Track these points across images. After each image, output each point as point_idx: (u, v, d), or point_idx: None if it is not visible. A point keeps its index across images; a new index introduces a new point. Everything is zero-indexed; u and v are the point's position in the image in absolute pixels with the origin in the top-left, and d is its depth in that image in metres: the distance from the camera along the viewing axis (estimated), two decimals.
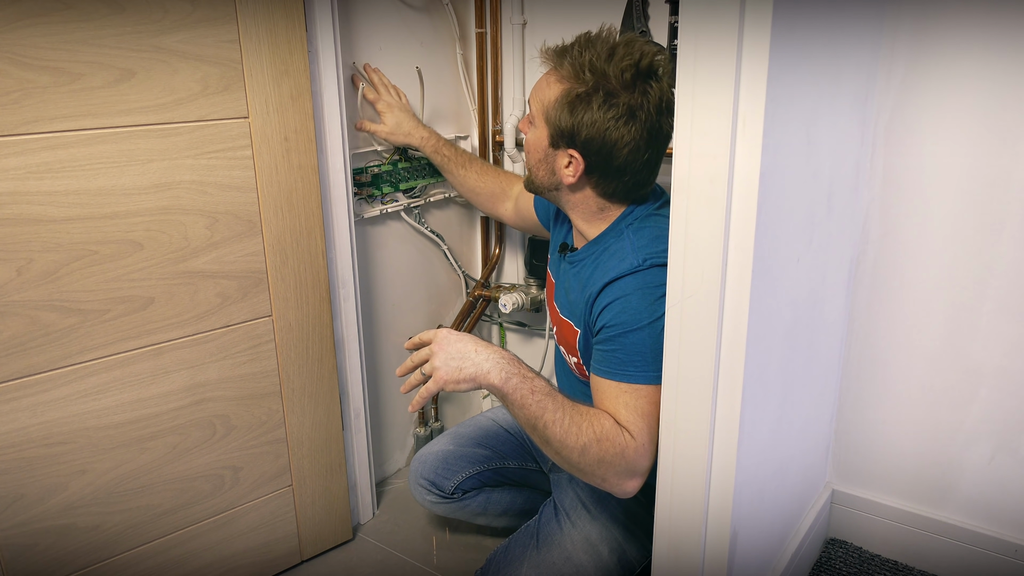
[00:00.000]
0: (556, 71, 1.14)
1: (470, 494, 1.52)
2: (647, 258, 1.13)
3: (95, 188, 1.16)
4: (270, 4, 1.28)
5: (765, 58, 0.82)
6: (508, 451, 1.54)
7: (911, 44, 1.29)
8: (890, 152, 1.36)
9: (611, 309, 1.12)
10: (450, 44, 1.74)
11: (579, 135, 1.12)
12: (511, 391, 1.07)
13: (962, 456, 1.43)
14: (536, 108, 1.17)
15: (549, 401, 1.07)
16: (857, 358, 1.49)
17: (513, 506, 1.56)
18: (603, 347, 1.13)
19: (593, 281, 1.17)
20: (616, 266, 1.14)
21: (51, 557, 1.26)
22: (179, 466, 1.37)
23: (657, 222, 1.19)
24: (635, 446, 1.07)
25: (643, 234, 1.18)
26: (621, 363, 1.10)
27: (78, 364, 1.21)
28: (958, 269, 1.35)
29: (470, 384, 1.07)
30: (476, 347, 1.09)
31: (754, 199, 0.87)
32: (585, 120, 1.11)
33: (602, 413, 1.10)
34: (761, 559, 1.26)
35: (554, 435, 1.07)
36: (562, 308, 1.29)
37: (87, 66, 1.12)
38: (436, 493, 1.52)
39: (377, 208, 1.67)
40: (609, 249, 1.19)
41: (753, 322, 0.93)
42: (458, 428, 1.60)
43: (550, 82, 1.14)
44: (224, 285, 1.34)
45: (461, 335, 1.11)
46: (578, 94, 1.10)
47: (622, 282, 1.12)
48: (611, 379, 1.11)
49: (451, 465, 1.51)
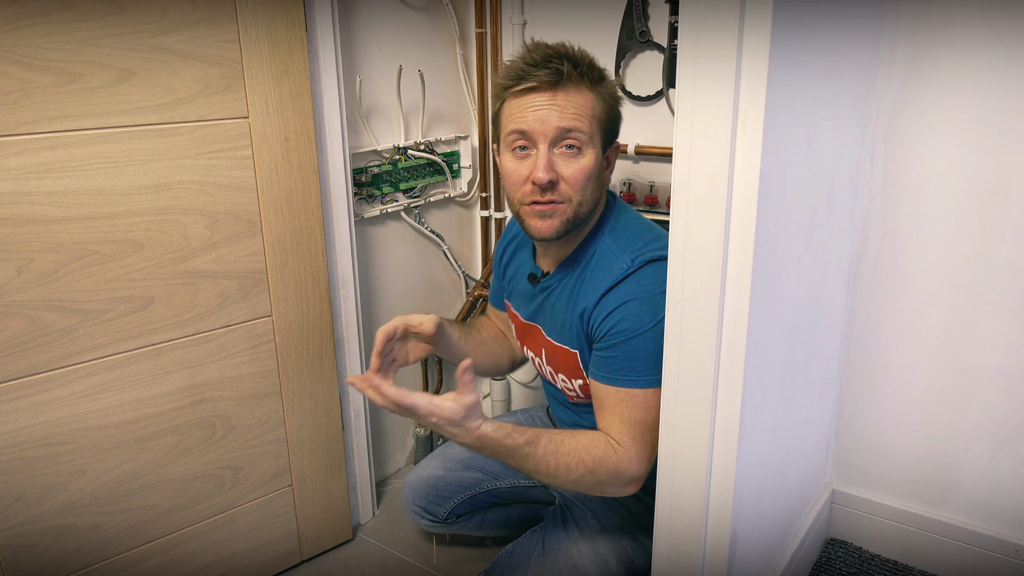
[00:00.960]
0: (565, 85, 1.09)
1: (464, 517, 1.50)
2: (635, 256, 1.12)
3: (95, 188, 1.16)
4: (270, 4, 1.28)
5: (765, 58, 0.82)
6: (498, 470, 1.50)
7: (911, 44, 1.29)
8: (890, 152, 1.36)
9: (612, 317, 1.10)
10: (450, 44, 1.74)
11: (619, 120, 1.18)
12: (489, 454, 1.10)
13: (962, 456, 1.43)
14: (580, 125, 1.09)
15: (531, 451, 1.08)
16: (857, 358, 1.48)
17: (510, 521, 1.54)
18: (604, 353, 1.12)
19: (584, 295, 1.16)
20: (607, 274, 1.13)
21: (51, 557, 1.25)
22: (179, 466, 1.36)
23: (626, 220, 1.20)
24: (629, 459, 1.08)
25: (619, 235, 1.17)
26: (622, 369, 1.09)
27: (78, 364, 1.21)
28: (958, 269, 1.35)
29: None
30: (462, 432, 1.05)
31: (754, 199, 0.87)
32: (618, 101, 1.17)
33: (593, 439, 1.10)
34: (761, 559, 1.26)
35: (544, 477, 1.11)
36: (552, 335, 1.25)
37: (87, 66, 1.12)
38: (430, 519, 1.50)
39: (377, 208, 1.67)
40: (592, 261, 1.17)
41: (753, 322, 0.93)
42: (447, 448, 1.56)
43: (580, 90, 1.09)
44: (224, 285, 1.34)
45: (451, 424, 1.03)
46: (605, 75, 1.14)
47: (619, 289, 1.11)
48: (611, 384, 1.11)
49: (442, 492, 1.48)
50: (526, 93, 1.09)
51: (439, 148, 1.76)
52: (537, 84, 1.08)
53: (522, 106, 1.10)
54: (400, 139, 1.68)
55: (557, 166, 1.10)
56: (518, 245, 1.37)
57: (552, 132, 1.08)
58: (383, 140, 1.65)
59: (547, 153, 1.09)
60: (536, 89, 1.08)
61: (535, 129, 1.09)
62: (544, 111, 1.08)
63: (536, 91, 1.09)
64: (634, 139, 1.61)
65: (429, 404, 1.02)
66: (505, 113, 1.14)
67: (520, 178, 1.13)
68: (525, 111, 1.09)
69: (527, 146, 1.11)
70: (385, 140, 1.66)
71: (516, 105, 1.11)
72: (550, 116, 1.08)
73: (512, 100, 1.12)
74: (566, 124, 1.08)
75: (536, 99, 1.09)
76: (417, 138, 1.71)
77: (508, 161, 1.15)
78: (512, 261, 1.38)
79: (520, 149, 1.12)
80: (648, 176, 1.63)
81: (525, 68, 1.09)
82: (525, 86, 1.08)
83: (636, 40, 1.53)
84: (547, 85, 1.08)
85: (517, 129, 1.11)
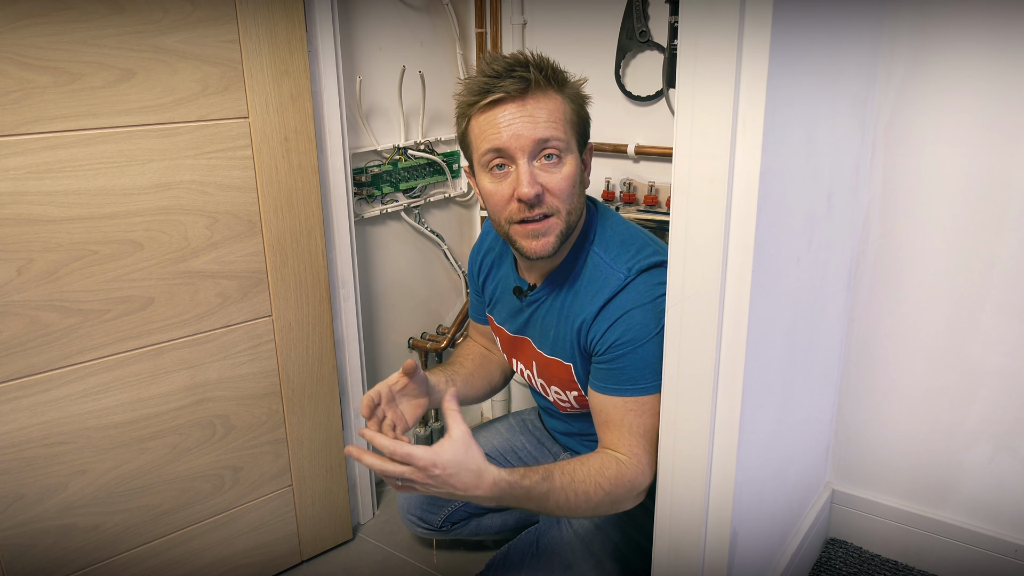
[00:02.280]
0: (533, 92, 1.05)
1: (460, 524, 1.50)
2: (631, 266, 1.11)
3: (95, 188, 1.16)
4: (270, 4, 1.28)
5: (765, 58, 0.82)
6: None
7: (911, 44, 1.29)
8: (890, 152, 1.36)
9: (615, 329, 1.09)
10: (450, 44, 1.74)
11: (589, 120, 1.15)
12: (508, 505, 1.05)
13: (962, 456, 1.43)
14: (557, 133, 1.06)
15: (549, 494, 1.04)
16: (857, 358, 1.48)
17: (505, 527, 1.54)
18: (609, 365, 1.10)
19: (580, 308, 1.14)
20: (603, 286, 1.11)
21: (51, 557, 1.25)
22: (179, 466, 1.36)
23: (612, 227, 1.17)
24: (641, 471, 1.08)
25: (609, 244, 1.15)
26: (631, 378, 1.08)
27: (78, 364, 1.21)
28: (958, 269, 1.35)
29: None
30: (476, 480, 0.98)
31: (754, 199, 0.87)
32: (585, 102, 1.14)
33: (603, 461, 1.08)
34: (761, 559, 1.26)
35: (565, 514, 1.10)
36: (543, 348, 1.22)
37: (87, 66, 1.12)
38: (425, 528, 1.50)
39: (377, 208, 1.67)
40: (583, 272, 1.15)
41: (753, 322, 0.93)
42: None
43: (548, 95, 1.06)
44: (224, 285, 1.34)
45: (460, 465, 0.95)
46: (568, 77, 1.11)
47: (618, 300, 1.09)
48: (618, 396, 1.10)
49: (436, 500, 1.47)
50: (493, 106, 1.05)
51: (439, 148, 1.76)
52: (505, 95, 1.03)
53: (492, 121, 1.05)
54: (400, 139, 1.68)
55: (540, 178, 1.06)
56: (496, 258, 1.33)
57: (529, 145, 1.04)
58: (383, 140, 1.65)
59: (528, 167, 1.05)
60: (503, 100, 1.04)
61: (511, 145, 1.04)
62: (517, 124, 1.04)
63: (504, 103, 1.04)
64: (634, 139, 1.61)
65: (429, 453, 0.94)
66: (474, 132, 1.09)
67: (504, 198, 1.08)
68: (497, 127, 1.04)
69: (505, 163, 1.07)
70: (385, 140, 1.66)
71: (485, 121, 1.06)
72: (524, 129, 1.04)
73: (479, 116, 1.07)
74: (542, 134, 1.04)
75: (506, 111, 1.04)
76: (417, 138, 1.71)
77: (487, 183, 1.09)
78: (491, 275, 1.34)
79: (498, 168, 1.07)
80: (648, 176, 1.63)
81: (488, 80, 1.04)
82: (492, 98, 1.04)
83: (636, 40, 1.53)
84: (515, 94, 1.03)
85: (492, 148, 1.06)
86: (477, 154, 1.10)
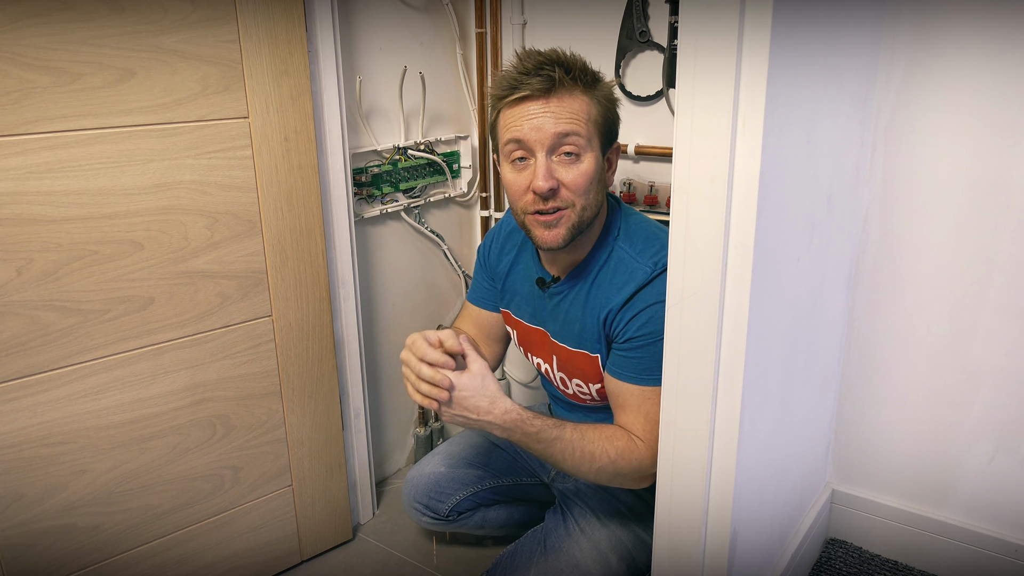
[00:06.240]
0: (558, 91, 1.09)
1: (466, 515, 1.50)
2: (656, 261, 1.15)
3: (95, 188, 1.16)
4: (270, 4, 1.28)
5: (765, 58, 0.82)
6: (501, 468, 1.51)
7: (911, 44, 1.29)
8: (890, 152, 1.36)
9: (640, 319, 1.13)
10: (450, 44, 1.74)
11: (618, 121, 1.18)
12: (515, 440, 1.12)
13: (962, 456, 1.43)
14: (576, 129, 1.09)
15: (557, 441, 1.11)
16: (857, 358, 1.48)
17: (511, 521, 1.55)
18: (630, 353, 1.14)
19: (605, 298, 1.17)
20: (630, 278, 1.15)
21: (51, 557, 1.25)
22: (179, 466, 1.37)
23: (636, 223, 1.21)
24: (650, 455, 1.12)
25: (634, 239, 1.19)
26: (648, 368, 1.12)
27: (78, 364, 1.21)
28: (958, 269, 1.35)
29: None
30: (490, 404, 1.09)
31: (754, 199, 0.87)
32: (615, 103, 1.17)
33: (615, 431, 1.13)
34: (761, 559, 1.26)
35: (566, 467, 1.13)
36: (567, 341, 1.24)
37: (87, 66, 1.12)
38: (431, 516, 1.50)
39: (377, 208, 1.67)
40: (607, 265, 1.19)
41: (753, 322, 0.93)
42: (449, 446, 1.56)
43: (574, 95, 1.09)
44: (224, 285, 1.34)
45: (476, 390, 1.09)
46: (600, 78, 1.14)
47: (644, 293, 1.13)
48: (638, 384, 1.13)
49: (444, 488, 1.48)
50: (520, 102, 1.09)
51: (439, 148, 1.76)
52: (530, 92, 1.08)
53: (517, 115, 1.10)
54: (400, 139, 1.68)
55: (557, 173, 1.10)
56: (518, 249, 1.35)
57: (548, 139, 1.08)
58: (383, 140, 1.65)
59: (545, 161, 1.09)
60: (529, 98, 1.08)
61: (531, 138, 1.09)
62: (539, 119, 1.08)
63: (529, 99, 1.09)
64: (634, 139, 1.61)
65: (453, 375, 1.08)
66: (501, 123, 1.14)
67: (521, 188, 1.13)
68: (520, 120, 1.09)
69: (525, 156, 1.11)
70: (385, 140, 1.66)
71: (511, 115, 1.11)
72: (545, 123, 1.08)
73: (507, 110, 1.12)
74: (561, 129, 1.08)
75: (530, 108, 1.09)
76: (417, 138, 1.71)
77: (508, 172, 1.15)
78: (512, 266, 1.35)
79: (519, 160, 1.12)
80: (648, 176, 1.63)
81: (517, 77, 1.09)
82: (518, 95, 1.08)
83: (636, 40, 1.53)
84: (540, 93, 1.08)
85: (513, 139, 1.11)
86: (501, 143, 1.15)
